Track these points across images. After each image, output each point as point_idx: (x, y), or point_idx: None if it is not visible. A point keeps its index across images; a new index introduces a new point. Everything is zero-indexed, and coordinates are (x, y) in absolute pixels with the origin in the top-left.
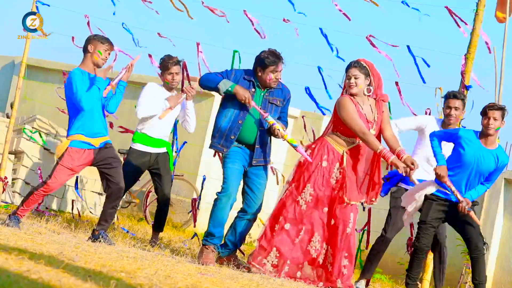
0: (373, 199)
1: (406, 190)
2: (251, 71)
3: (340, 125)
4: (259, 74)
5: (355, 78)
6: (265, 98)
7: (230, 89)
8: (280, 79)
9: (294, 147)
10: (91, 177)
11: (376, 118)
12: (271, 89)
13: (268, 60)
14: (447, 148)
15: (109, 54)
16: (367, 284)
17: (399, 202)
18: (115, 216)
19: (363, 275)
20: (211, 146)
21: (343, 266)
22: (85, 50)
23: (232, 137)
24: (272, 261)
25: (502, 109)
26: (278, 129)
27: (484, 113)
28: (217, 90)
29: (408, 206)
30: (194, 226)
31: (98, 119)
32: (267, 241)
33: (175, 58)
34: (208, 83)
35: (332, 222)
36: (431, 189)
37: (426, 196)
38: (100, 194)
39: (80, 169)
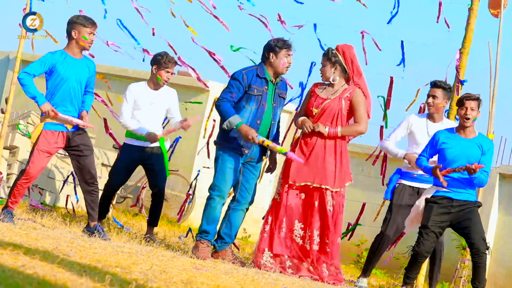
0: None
1: (410, 186)
2: (261, 66)
3: None
4: (272, 60)
5: (323, 67)
6: (276, 93)
7: (235, 128)
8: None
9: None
10: None
11: (332, 98)
12: (279, 81)
13: (280, 43)
14: None
15: (94, 35)
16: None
17: (400, 199)
18: (110, 209)
19: (364, 274)
20: (233, 150)
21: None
22: (69, 35)
23: None
24: (269, 261)
25: (478, 99)
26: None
27: (461, 103)
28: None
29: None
30: (178, 221)
31: (69, 103)
32: (259, 243)
33: (173, 58)
34: (220, 115)
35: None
36: (430, 192)
37: (427, 200)
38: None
39: (55, 151)
